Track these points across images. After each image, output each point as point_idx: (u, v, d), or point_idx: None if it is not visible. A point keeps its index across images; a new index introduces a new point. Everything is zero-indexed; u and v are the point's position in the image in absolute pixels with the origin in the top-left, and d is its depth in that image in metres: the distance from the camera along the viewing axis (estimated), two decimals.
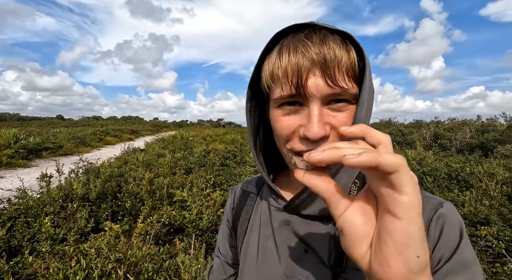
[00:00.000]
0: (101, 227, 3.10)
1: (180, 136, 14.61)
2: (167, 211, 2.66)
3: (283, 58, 0.39)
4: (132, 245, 1.74)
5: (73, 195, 3.46)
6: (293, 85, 0.39)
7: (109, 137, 17.30)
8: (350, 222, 0.27)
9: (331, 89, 0.38)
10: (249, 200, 0.59)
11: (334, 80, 0.37)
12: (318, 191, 0.28)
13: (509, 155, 8.61)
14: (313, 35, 0.39)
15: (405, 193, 0.24)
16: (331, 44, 0.38)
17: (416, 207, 0.24)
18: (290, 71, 0.39)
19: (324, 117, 0.39)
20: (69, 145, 11.87)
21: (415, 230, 0.24)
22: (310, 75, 0.38)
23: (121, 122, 44.66)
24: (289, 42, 0.40)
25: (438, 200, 0.43)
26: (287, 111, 0.42)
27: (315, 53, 0.37)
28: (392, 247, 0.24)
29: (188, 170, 5.80)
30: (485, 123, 15.27)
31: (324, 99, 0.39)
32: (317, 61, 0.37)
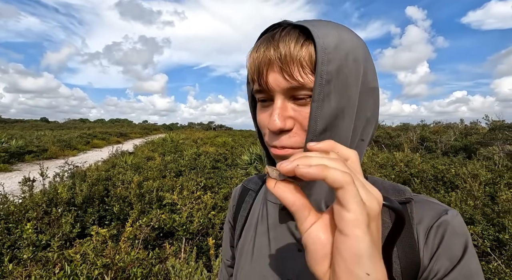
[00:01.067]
0: (88, 233, 3.00)
1: (170, 138, 14.43)
2: (157, 215, 2.60)
3: (252, 56, 0.42)
4: (120, 250, 1.68)
5: (57, 199, 3.34)
6: (256, 80, 0.42)
7: (97, 140, 16.88)
8: (313, 239, 0.27)
9: (288, 82, 0.39)
10: (247, 197, 0.60)
11: (290, 73, 0.39)
12: (286, 203, 0.27)
13: (491, 157, 8.96)
14: (277, 33, 0.40)
15: (350, 210, 0.24)
16: (287, 39, 0.39)
17: (361, 225, 0.24)
18: (253, 67, 0.41)
19: (288, 111, 0.40)
20: (54, 148, 11.50)
21: (363, 247, 0.23)
22: (269, 71, 0.40)
23: (109, 125, 43.67)
24: (260, 42, 0.42)
25: (443, 207, 0.42)
26: (262, 105, 0.44)
27: (273, 49, 0.39)
28: (342, 265, 0.24)
29: (179, 173, 5.72)
30: (468, 126, 15.85)
31: (285, 93, 0.40)
32: (275, 57, 0.39)
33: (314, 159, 0.27)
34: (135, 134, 27.00)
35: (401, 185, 0.47)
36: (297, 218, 0.28)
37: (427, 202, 0.43)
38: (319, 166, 0.24)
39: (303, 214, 0.27)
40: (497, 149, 9.83)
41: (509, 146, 9.94)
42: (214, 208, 3.27)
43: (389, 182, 0.48)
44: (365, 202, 0.24)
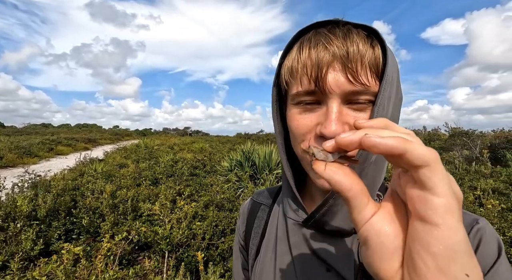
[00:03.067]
0: (52, 249, 2.71)
1: (144, 145, 13.80)
2: (136, 227, 2.42)
3: (303, 52, 0.37)
4: (95, 269, 1.51)
5: (16, 213, 2.99)
6: (312, 79, 0.36)
7: (61, 147, 15.63)
8: (378, 231, 0.22)
9: (352, 85, 0.35)
10: (260, 212, 0.54)
11: (356, 75, 0.35)
12: (342, 188, 0.23)
13: (452, 161, 9.75)
14: (336, 29, 0.37)
15: (440, 194, 0.19)
16: (355, 37, 0.36)
17: (456, 212, 0.19)
18: (310, 65, 0.36)
19: (343, 116, 0.37)
20: (10, 155, 10.43)
21: (459, 240, 0.19)
22: (330, 70, 0.36)
23: (76, 130, 40.82)
24: (311, 37, 0.38)
25: (473, 216, 0.41)
26: (304, 109, 0.39)
27: (337, 46, 0.35)
28: (431, 263, 0.19)
29: (155, 181, 5.45)
30: (431, 133, 17.16)
31: (344, 96, 0.36)
32: (339, 55, 0.35)
33: (384, 132, 0.22)
34: (105, 140, 25.50)
35: None
36: (354, 206, 0.23)
37: None
38: (398, 138, 0.20)
39: (362, 201, 0.23)
40: (457, 153, 10.73)
41: (466, 151, 10.91)
42: (194, 217, 3.13)
43: None
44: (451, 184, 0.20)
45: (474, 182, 5.09)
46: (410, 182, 0.21)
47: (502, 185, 4.92)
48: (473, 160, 9.26)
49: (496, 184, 4.96)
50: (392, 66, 0.37)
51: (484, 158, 8.38)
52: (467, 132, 11.43)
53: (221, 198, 3.94)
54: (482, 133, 12.33)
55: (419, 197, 0.20)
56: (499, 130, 13.39)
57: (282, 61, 0.42)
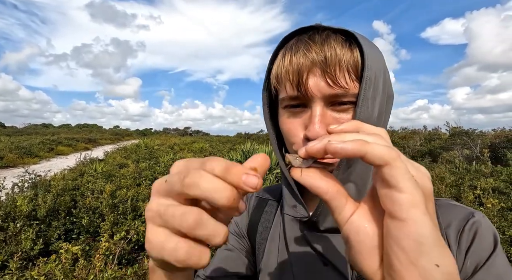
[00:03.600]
0: (52, 249, 2.71)
1: (144, 145, 13.82)
2: (134, 227, 2.42)
3: (285, 59, 0.40)
4: (93, 268, 1.51)
5: (16, 213, 2.99)
6: (294, 84, 0.39)
7: (62, 147, 15.66)
8: (357, 229, 0.23)
9: (332, 89, 0.37)
10: (268, 207, 0.55)
11: (335, 79, 0.37)
12: (319, 192, 0.23)
13: (452, 160, 9.75)
14: (316, 36, 0.39)
15: (402, 189, 0.20)
16: (333, 43, 0.38)
17: (419, 205, 0.20)
18: (291, 71, 0.39)
19: (327, 118, 0.39)
20: (11, 155, 10.44)
21: (426, 232, 0.19)
22: (310, 75, 0.38)
23: (76, 130, 40.89)
24: (292, 44, 0.40)
25: (469, 210, 0.42)
26: (292, 113, 0.42)
27: (316, 52, 0.37)
28: (402, 257, 0.20)
29: (155, 181, 5.46)
30: (431, 132, 17.15)
31: (326, 99, 0.38)
32: (318, 61, 0.37)
33: (348, 135, 0.23)
34: (106, 140, 25.53)
35: None
36: (334, 207, 0.24)
37: (451, 206, 0.43)
38: (357, 141, 0.21)
39: (340, 202, 0.23)
40: (457, 153, 10.73)
41: (466, 150, 10.91)
42: None
43: None
44: (416, 179, 0.21)
45: (474, 181, 5.09)
46: (379, 181, 0.21)
47: (502, 184, 4.91)
48: (474, 160, 9.26)
49: (497, 183, 4.95)
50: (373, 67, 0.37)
51: (484, 157, 8.37)
52: (467, 131, 11.42)
53: None
54: (482, 132, 12.33)
55: (386, 194, 0.21)
56: (500, 130, 13.39)
57: (270, 66, 0.44)
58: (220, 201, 0.20)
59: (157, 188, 0.24)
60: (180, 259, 0.21)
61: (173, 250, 0.21)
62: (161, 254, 0.22)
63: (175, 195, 0.22)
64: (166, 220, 0.21)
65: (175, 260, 0.21)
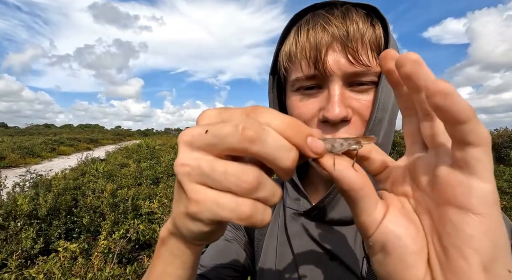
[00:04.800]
0: (52, 248, 2.71)
1: (146, 145, 13.84)
2: (134, 225, 2.42)
3: (301, 35, 0.36)
4: (92, 267, 1.50)
5: (17, 212, 2.99)
6: (311, 61, 0.35)
7: (64, 147, 15.71)
8: (398, 234, 0.19)
9: (353, 66, 0.34)
10: None
11: (357, 56, 0.34)
12: (352, 188, 0.19)
13: None
14: (335, 10, 0.36)
15: (488, 179, 0.16)
16: (355, 16, 0.34)
17: (498, 201, 0.17)
18: (309, 47, 0.35)
19: (346, 99, 0.35)
20: (13, 155, 10.49)
21: (503, 233, 0.17)
22: (330, 51, 0.34)
23: (78, 131, 41.03)
24: (309, 19, 0.37)
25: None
26: (305, 95, 0.38)
27: (336, 26, 0.34)
28: (474, 260, 0.16)
29: (156, 180, 5.46)
30: None
31: (346, 78, 0.35)
32: (338, 35, 0.34)
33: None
34: (107, 140, 25.61)
35: None
36: (363, 208, 0.20)
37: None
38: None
39: (372, 201, 0.20)
40: None
41: None
42: None
43: None
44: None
45: None
46: (443, 164, 0.18)
47: (505, 184, 4.87)
48: None
49: (499, 183, 4.91)
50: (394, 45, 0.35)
51: None
52: None
53: None
54: None
55: (461, 182, 0.17)
56: (502, 129, 13.29)
57: (279, 47, 0.40)
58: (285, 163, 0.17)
59: (190, 140, 0.19)
60: (245, 216, 0.18)
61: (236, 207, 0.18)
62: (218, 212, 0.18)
63: (220, 150, 0.18)
64: (214, 178, 0.18)
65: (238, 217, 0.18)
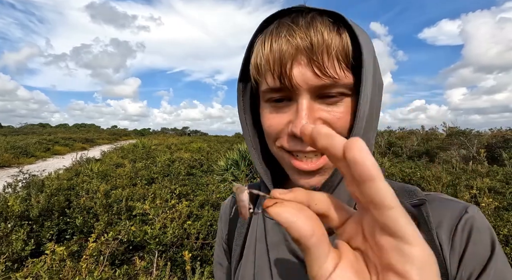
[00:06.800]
0: (43, 250, 2.67)
1: (142, 144, 13.75)
2: (126, 227, 2.39)
3: (265, 46, 0.35)
4: (80, 270, 1.48)
5: (8, 213, 2.94)
6: (276, 75, 0.34)
7: (58, 147, 15.56)
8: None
9: (320, 79, 0.33)
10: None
11: (323, 68, 0.32)
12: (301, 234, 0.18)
13: (449, 160, 9.78)
14: (300, 18, 0.34)
15: (414, 243, 0.16)
16: (319, 26, 0.33)
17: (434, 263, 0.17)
18: (273, 59, 0.34)
19: (315, 112, 0.34)
20: (6, 155, 10.36)
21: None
22: (295, 64, 0.33)
23: (74, 130, 40.64)
24: (273, 29, 0.35)
25: (462, 204, 0.37)
26: (275, 107, 0.37)
27: (300, 37, 0.32)
28: None
29: (151, 181, 5.42)
30: (428, 132, 17.19)
31: (313, 91, 0.34)
32: (303, 47, 0.32)
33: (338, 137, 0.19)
34: (103, 140, 25.41)
35: (410, 185, 0.42)
36: (314, 257, 0.18)
37: (442, 201, 0.39)
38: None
39: (323, 250, 0.18)
40: (454, 153, 10.76)
41: (463, 150, 10.94)
42: (189, 217, 3.10)
43: (397, 183, 0.43)
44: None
45: (471, 181, 5.09)
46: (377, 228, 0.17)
47: (498, 184, 4.92)
48: (470, 160, 9.29)
49: (493, 183, 4.96)
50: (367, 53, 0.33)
51: (481, 157, 8.40)
52: (464, 131, 11.47)
53: (216, 197, 3.91)
54: (479, 132, 12.39)
55: (393, 247, 0.17)
56: (496, 130, 13.44)
57: (248, 54, 0.39)
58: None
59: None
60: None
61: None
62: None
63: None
64: None
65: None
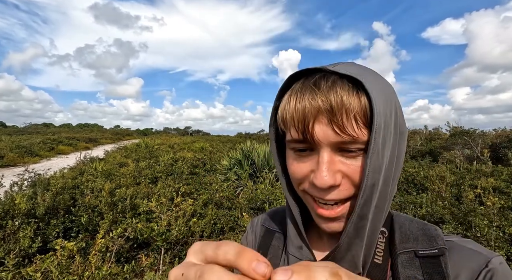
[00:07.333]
0: (50, 247, 2.71)
1: (145, 144, 13.83)
2: (132, 224, 2.41)
3: (291, 103, 0.39)
4: (89, 265, 1.50)
5: (15, 211, 2.99)
6: (300, 131, 0.38)
7: (62, 146, 15.69)
8: None
9: (339, 137, 0.36)
10: (275, 241, 0.52)
11: (342, 128, 0.36)
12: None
13: (453, 160, 9.72)
14: (322, 82, 0.38)
15: None
16: (339, 90, 0.36)
17: None
18: (297, 117, 0.38)
19: (336, 165, 0.37)
20: (11, 155, 10.47)
21: None
22: (316, 123, 0.37)
23: (77, 130, 40.94)
24: (298, 89, 0.39)
25: (484, 255, 0.37)
26: (299, 156, 0.41)
27: (322, 100, 0.36)
28: None
29: (154, 180, 5.46)
30: (432, 132, 17.10)
31: (333, 145, 0.37)
32: (324, 109, 0.36)
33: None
34: (106, 139, 25.57)
35: (431, 227, 0.42)
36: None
37: (463, 251, 0.38)
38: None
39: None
40: (458, 153, 10.69)
41: (467, 150, 10.87)
42: (193, 215, 3.13)
43: (417, 224, 0.44)
44: None
45: (475, 180, 5.07)
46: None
47: (503, 184, 4.89)
48: (475, 159, 9.22)
49: (497, 183, 4.93)
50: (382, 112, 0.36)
51: (484, 157, 8.34)
52: (468, 131, 11.38)
53: (220, 196, 3.93)
54: (483, 132, 12.28)
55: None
56: (501, 130, 13.33)
57: (277, 103, 0.43)
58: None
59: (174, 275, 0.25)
60: None
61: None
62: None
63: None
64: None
65: None
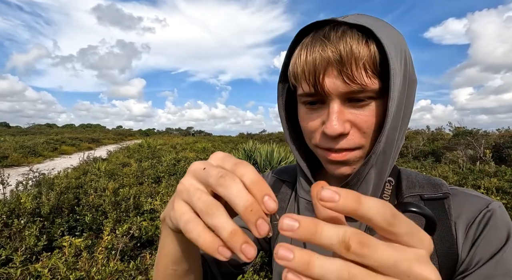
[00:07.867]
0: (55, 245, 2.73)
1: (147, 144, 13.89)
2: (137, 222, 2.44)
3: (301, 57, 0.40)
4: (97, 261, 1.52)
5: (20, 210, 3.02)
6: (311, 83, 0.39)
7: (65, 146, 15.78)
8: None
9: (349, 86, 0.37)
10: (284, 188, 0.55)
11: (351, 77, 0.37)
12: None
13: (456, 160, 9.68)
14: (332, 33, 0.39)
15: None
16: (348, 40, 0.37)
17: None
18: (307, 70, 0.39)
19: (345, 114, 0.39)
20: (15, 155, 10.55)
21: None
22: (326, 74, 0.38)
23: (80, 130, 41.17)
24: (308, 42, 0.40)
25: (485, 199, 0.40)
26: (310, 108, 0.42)
27: (331, 51, 0.37)
28: None
29: (157, 179, 5.49)
30: (434, 133, 17.03)
31: (343, 96, 0.39)
32: (333, 59, 0.37)
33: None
34: (109, 140, 25.68)
35: (437, 179, 0.45)
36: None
37: (466, 195, 0.41)
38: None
39: None
40: (461, 153, 10.64)
41: (470, 150, 10.81)
42: None
43: (423, 176, 0.46)
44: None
45: (478, 181, 5.05)
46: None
47: (506, 184, 4.86)
48: (478, 160, 9.17)
49: (501, 183, 4.91)
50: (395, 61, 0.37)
51: (487, 157, 8.30)
52: (471, 131, 11.32)
53: None
54: (486, 132, 12.21)
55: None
56: (504, 130, 13.24)
57: (287, 60, 0.44)
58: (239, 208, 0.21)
59: (194, 170, 0.27)
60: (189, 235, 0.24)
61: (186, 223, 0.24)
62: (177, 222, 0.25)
63: (206, 184, 0.25)
64: (191, 199, 0.25)
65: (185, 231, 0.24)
